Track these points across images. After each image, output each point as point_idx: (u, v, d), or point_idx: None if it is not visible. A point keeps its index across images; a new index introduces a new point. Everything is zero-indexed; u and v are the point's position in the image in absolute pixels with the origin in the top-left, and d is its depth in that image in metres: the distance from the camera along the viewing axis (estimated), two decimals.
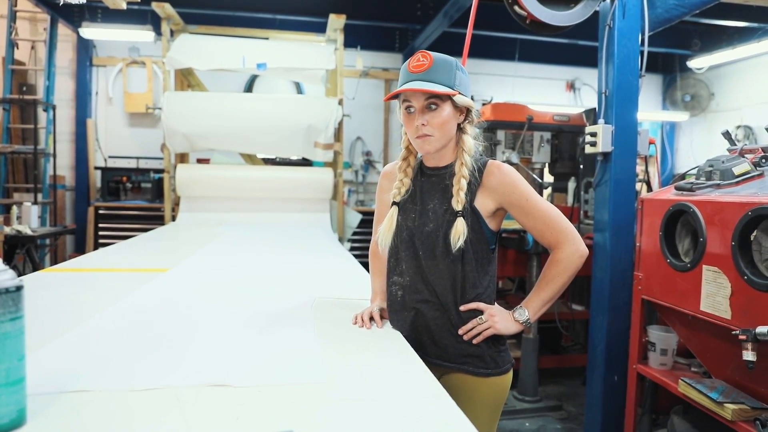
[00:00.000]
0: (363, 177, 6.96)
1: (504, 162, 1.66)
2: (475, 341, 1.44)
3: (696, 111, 7.34)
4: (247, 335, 1.41)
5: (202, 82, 5.10)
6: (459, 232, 1.38)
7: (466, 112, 1.46)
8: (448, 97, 1.39)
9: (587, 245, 1.48)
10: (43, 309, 1.65)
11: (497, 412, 1.52)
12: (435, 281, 1.45)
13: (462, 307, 1.45)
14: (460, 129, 1.47)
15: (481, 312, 1.45)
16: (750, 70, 6.71)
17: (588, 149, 2.86)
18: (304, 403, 1.00)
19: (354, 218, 5.04)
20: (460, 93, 1.40)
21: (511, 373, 1.52)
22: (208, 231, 3.86)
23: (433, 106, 1.39)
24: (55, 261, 5.84)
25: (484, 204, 1.43)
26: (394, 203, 1.51)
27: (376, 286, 1.66)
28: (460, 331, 1.44)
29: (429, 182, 1.50)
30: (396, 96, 1.44)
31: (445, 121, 1.40)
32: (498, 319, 1.43)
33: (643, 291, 2.43)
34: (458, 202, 1.40)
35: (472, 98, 1.48)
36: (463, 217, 1.39)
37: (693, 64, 6.56)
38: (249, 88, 6.56)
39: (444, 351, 1.47)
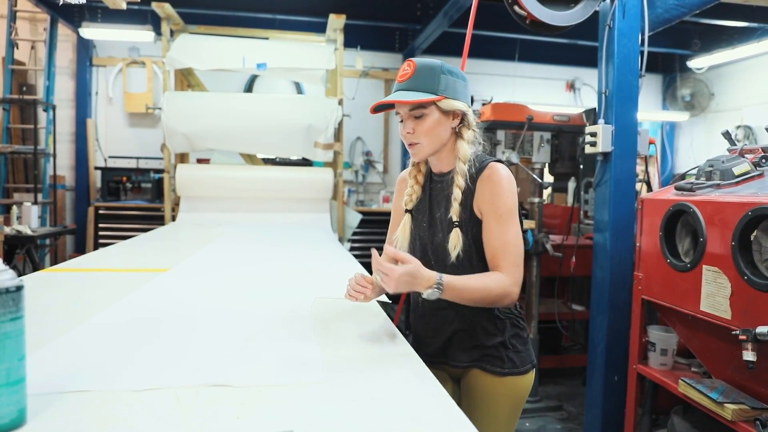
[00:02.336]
0: (363, 177, 6.96)
1: (504, 162, 1.63)
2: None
3: (696, 111, 7.34)
4: (247, 335, 1.41)
5: (202, 82, 5.10)
6: (454, 243, 1.38)
7: (462, 116, 1.42)
8: (433, 103, 1.36)
9: (588, 245, 1.48)
10: (43, 309, 1.65)
11: (516, 413, 1.51)
12: None
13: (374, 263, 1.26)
14: (457, 134, 1.44)
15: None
16: (750, 70, 6.71)
17: (588, 149, 2.86)
18: (305, 402, 1.00)
19: (354, 218, 5.04)
20: (446, 97, 1.36)
21: (532, 374, 1.49)
22: (208, 231, 3.86)
23: (418, 115, 1.38)
24: (55, 261, 5.84)
25: (478, 208, 1.41)
26: (407, 211, 1.52)
27: None
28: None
29: (436, 189, 1.50)
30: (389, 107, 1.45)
31: (431, 127, 1.38)
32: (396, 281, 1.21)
33: (643, 291, 2.43)
34: (454, 213, 1.40)
35: (472, 99, 1.47)
36: (460, 228, 1.39)
37: (693, 64, 6.56)
38: (249, 88, 6.56)
39: (464, 352, 1.48)
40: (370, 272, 1.77)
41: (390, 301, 1.70)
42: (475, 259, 1.42)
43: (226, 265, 2.62)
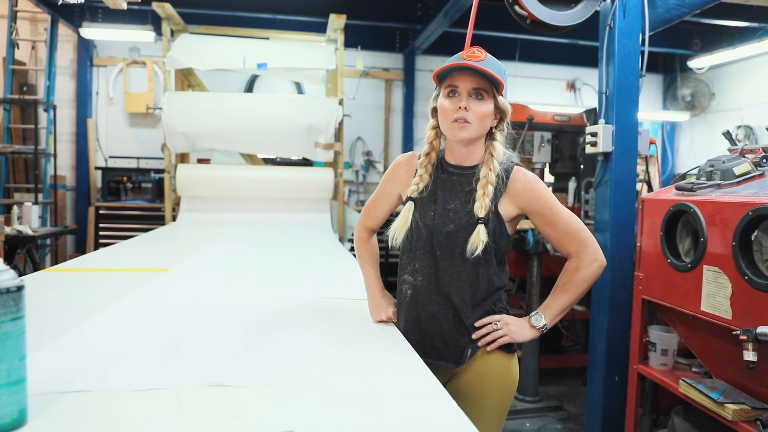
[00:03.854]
0: (363, 177, 6.96)
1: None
2: (489, 348, 1.44)
3: (696, 111, 7.34)
4: (247, 335, 1.41)
5: (203, 82, 5.10)
6: (479, 240, 1.37)
7: (500, 119, 1.45)
8: (493, 96, 1.39)
9: None
10: (43, 309, 1.65)
11: (505, 411, 1.52)
12: (451, 282, 1.43)
13: (477, 323, 1.44)
14: (491, 134, 1.45)
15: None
16: (750, 69, 6.70)
17: (588, 149, 2.86)
18: (305, 402, 1.00)
19: (354, 218, 5.04)
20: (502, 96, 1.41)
21: (517, 372, 1.53)
22: (209, 231, 3.86)
23: (480, 96, 1.38)
24: (55, 261, 5.84)
25: (506, 209, 1.43)
26: (410, 199, 1.48)
27: (372, 275, 1.63)
28: (474, 336, 1.44)
29: (450, 180, 1.47)
30: (440, 79, 1.42)
31: (485, 114, 1.39)
32: (513, 327, 1.44)
33: (644, 291, 2.43)
34: (482, 208, 1.38)
35: None
36: (485, 225, 1.38)
37: (693, 63, 6.56)
38: (249, 88, 6.56)
39: (456, 354, 1.46)
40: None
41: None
42: (491, 253, 1.42)
43: (227, 265, 2.62)
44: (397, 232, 1.47)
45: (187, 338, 1.38)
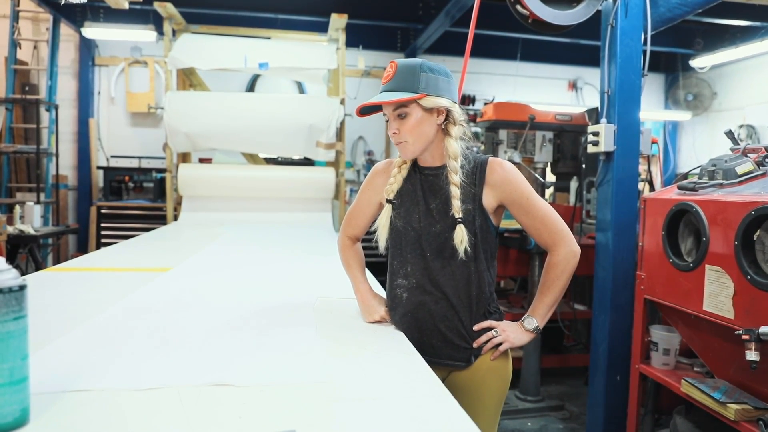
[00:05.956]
0: (365, 176, 6.96)
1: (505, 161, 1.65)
2: (492, 358, 1.47)
3: (698, 110, 7.33)
4: (249, 335, 1.42)
5: (204, 82, 5.10)
6: (459, 238, 1.39)
7: (446, 112, 1.43)
8: (415, 102, 1.38)
9: (589, 245, 1.48)
10: (45, 308, 1.65)
11: (502, 403, 1.56)
12: (445, 282, 1.45)
13: (475, 327, 1.47)
14: (444, 131, 1.45)
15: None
16: (753, 69, 6.69)
17: (590, 149, 2.86)
18: (307, 402, 1.00)
19: None
20: (428, 95, 1.37)
21: (511, 363, 1.55)
22: (210, 230, 3.86)
23: (402, 115, 1.41)
24: (57, 260, 5.85)
25: (488, 201, 1.45)
26: (388, 201, 1.51)
27: (360, 278, 1.65)
28: (475, 344, 1.47)
29: (428, 181, 1.49)
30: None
31: (414, 125, 1.40)
32: (510, 333, 1.47)
33: (646, 290, 2.42)
34: (456, 210, 1.41)
35: (473, 98, 1.48)
36: (464, 224, 1.40)
37: (695, 63, 6.55)
38: (251, 87, 6.56)
39: (455, 351, 1.47)
40: (371, 269, 1.77)
41: None
42: (480, 249, 1.44)
43: (228, 265, 2.62)
44: (379, 235, 1.51)
45: (189, 338, 1.39)
